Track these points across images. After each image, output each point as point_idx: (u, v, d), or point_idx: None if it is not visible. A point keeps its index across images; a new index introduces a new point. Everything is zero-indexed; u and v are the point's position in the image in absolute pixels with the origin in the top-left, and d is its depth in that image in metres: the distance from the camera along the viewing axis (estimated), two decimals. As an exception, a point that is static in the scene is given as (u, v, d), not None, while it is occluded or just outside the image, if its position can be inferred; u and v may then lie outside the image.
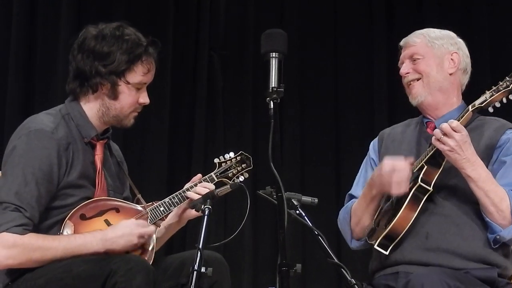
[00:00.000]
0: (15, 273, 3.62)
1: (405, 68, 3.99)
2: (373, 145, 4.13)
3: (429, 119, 4.00)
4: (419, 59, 3.96)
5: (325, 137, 6.43)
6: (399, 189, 3.76)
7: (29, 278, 3.58)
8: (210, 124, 6.31)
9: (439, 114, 3.96)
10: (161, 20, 6.31)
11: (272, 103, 3.27)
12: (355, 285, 3.63)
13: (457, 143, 3.67)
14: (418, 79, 3.96)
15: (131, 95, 3.79)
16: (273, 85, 3.27)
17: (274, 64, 3.30)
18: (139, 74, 3.78)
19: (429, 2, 6.50)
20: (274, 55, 3.31)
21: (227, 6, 6.43)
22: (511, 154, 3.81)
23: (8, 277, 3.64)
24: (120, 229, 3.66)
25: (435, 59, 3.95)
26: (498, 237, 3.74)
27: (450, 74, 3.96)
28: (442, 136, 3.68)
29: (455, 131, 3.67)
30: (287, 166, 6.19)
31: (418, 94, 3.95)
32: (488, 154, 3.82)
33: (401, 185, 3.76)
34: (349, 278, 3.63)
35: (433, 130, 3.89)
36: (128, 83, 3.76)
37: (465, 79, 4.04)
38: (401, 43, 4.04)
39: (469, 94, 5.92)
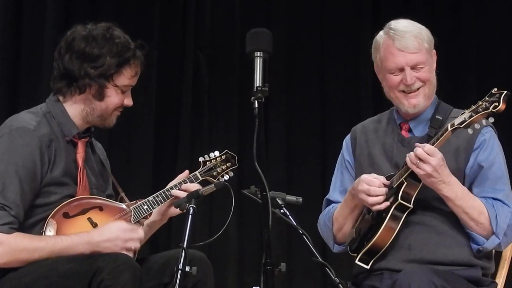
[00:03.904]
0: (-2, 272, 3.61)
1: (410, 77, 3.78)
2: (347, 145, 4.05)
3: (402, 119, 3.91)
4: (422, 67, 3.80)
5: (311, 136, 6.43)
6: (377, 207, 3.75)
7: (13, 277, 3.56)
8: (196, 123, 6.30)
9: (414, 114, 3.88)
10: (147, 19, 6.30)
11: (256, 102, 3.27)
12: (340, 284, 3.63)
13: (433, 168, 3.62)
14: (419, 88, 3.81)
15: (117, 97, 3.79)
16: (257, 85, 3.28)
17: (259, 64, 3.30)
18: (127, 77, 3.79)
19: (416, 1, 6.50)
20: (259, 55, 3.30)
21: (214, 5, 6.42)
22: (487, 158, 3.79)
23: (-9, 276, 3.63)
24: (106, 233, 3.65)
25: (432, 64, 3.85)
26: (481, 248, 3.75)
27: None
28: (418, 161, 3.61)
29: (429, 155, 3.61)
30: (273, 166, 6.19)
31: (419, 103, 3.82)
32: (466, 158, 3.79)
33: (378, 205, 3.74)
34: (333, 277, 3.63)
35: (408, 132, 3.88)
36: (116, 85, 3.77)
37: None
38: (398, 46, 3.79)
39: (455, 94, 6.00)
